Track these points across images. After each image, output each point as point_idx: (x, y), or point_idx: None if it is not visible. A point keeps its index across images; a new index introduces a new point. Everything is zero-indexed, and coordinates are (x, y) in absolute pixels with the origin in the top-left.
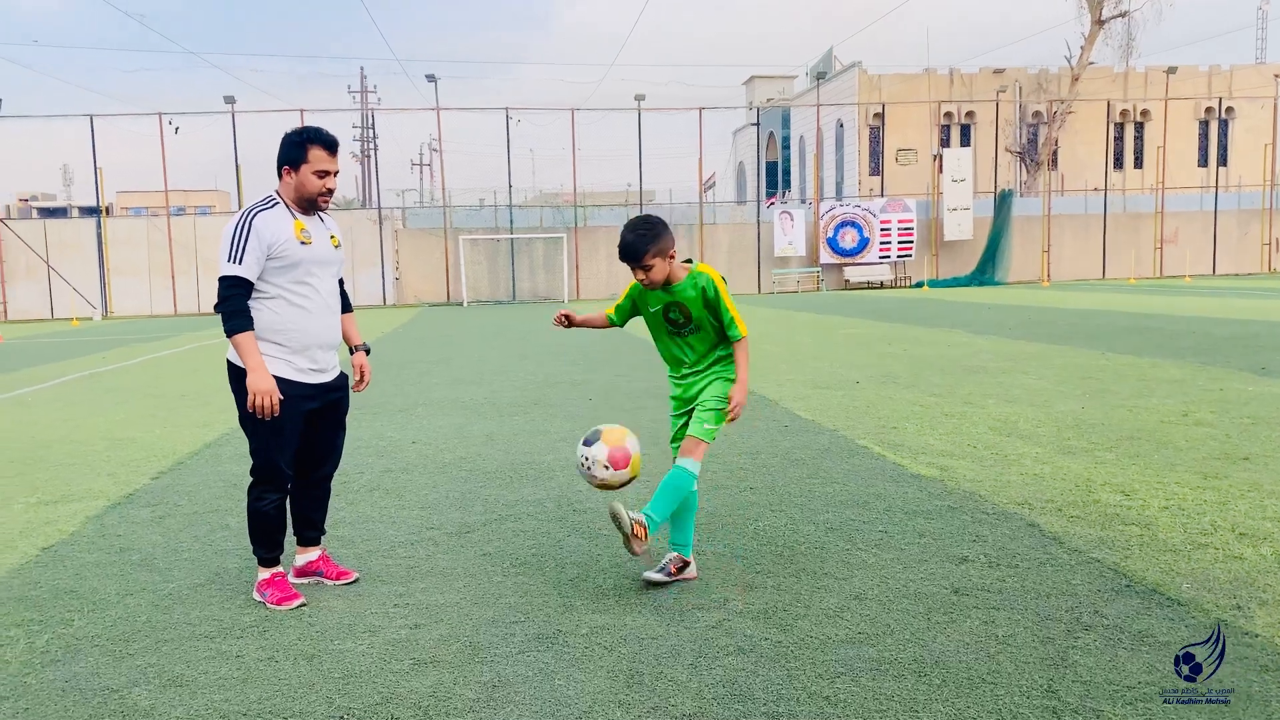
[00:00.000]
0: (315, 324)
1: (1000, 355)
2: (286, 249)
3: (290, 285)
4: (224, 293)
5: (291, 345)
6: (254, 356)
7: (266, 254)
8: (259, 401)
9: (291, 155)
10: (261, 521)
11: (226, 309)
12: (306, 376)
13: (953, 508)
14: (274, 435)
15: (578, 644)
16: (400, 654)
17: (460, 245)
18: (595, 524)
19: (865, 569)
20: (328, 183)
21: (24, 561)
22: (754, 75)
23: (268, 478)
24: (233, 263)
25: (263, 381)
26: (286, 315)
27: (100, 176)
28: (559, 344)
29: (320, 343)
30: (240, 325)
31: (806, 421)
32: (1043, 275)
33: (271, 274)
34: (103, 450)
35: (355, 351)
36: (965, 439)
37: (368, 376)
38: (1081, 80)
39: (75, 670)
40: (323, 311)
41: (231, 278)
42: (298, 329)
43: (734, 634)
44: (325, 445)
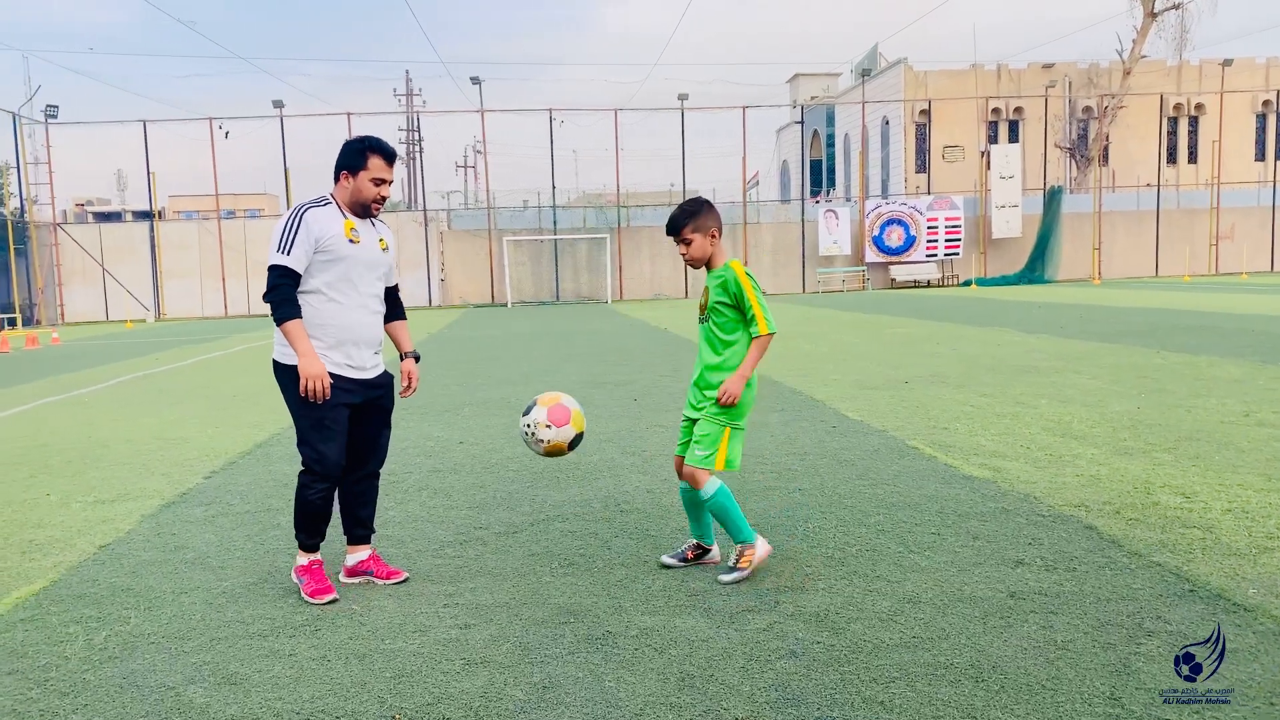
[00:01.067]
0: (351, 320)
1: (1052, 354)
2: (334, 244)
3: (332, 282)
4: (273, 281)
5: (327, 340)
6: (303, 342)
7: (315, 247)
8: (311, 385)
9: (352, 161)
10: (307, 509)
11: (275, 297)
12: (344, 371)
13: (1007, 510)
14: (317, 426)
15: (628, 646)
16: (451, 654)
17: (504, 246)
18: (643, 525)
19: (919, 572)
20: (383, 190)
21: (82, 559)
22: (798, 73)
23: (315, 467)
24: (281, 252)
25: (313, 365)
26: (324, 310)
27: (153, 181)
28: (603, 345)
29: (356, 339)
30: (290, 313)
31: (855, 422)
32: (1093, 273)
33: (316, 269)
34: (157, 450)
35: (405, 358)
36: (1018, 440)
37: (415, 383)
38: (1133, 74)
39: (132, 667)
40: (359, 310)
41: (280, 267)
42: (334, 324)
43: (785, 637)
44: (369, 442)
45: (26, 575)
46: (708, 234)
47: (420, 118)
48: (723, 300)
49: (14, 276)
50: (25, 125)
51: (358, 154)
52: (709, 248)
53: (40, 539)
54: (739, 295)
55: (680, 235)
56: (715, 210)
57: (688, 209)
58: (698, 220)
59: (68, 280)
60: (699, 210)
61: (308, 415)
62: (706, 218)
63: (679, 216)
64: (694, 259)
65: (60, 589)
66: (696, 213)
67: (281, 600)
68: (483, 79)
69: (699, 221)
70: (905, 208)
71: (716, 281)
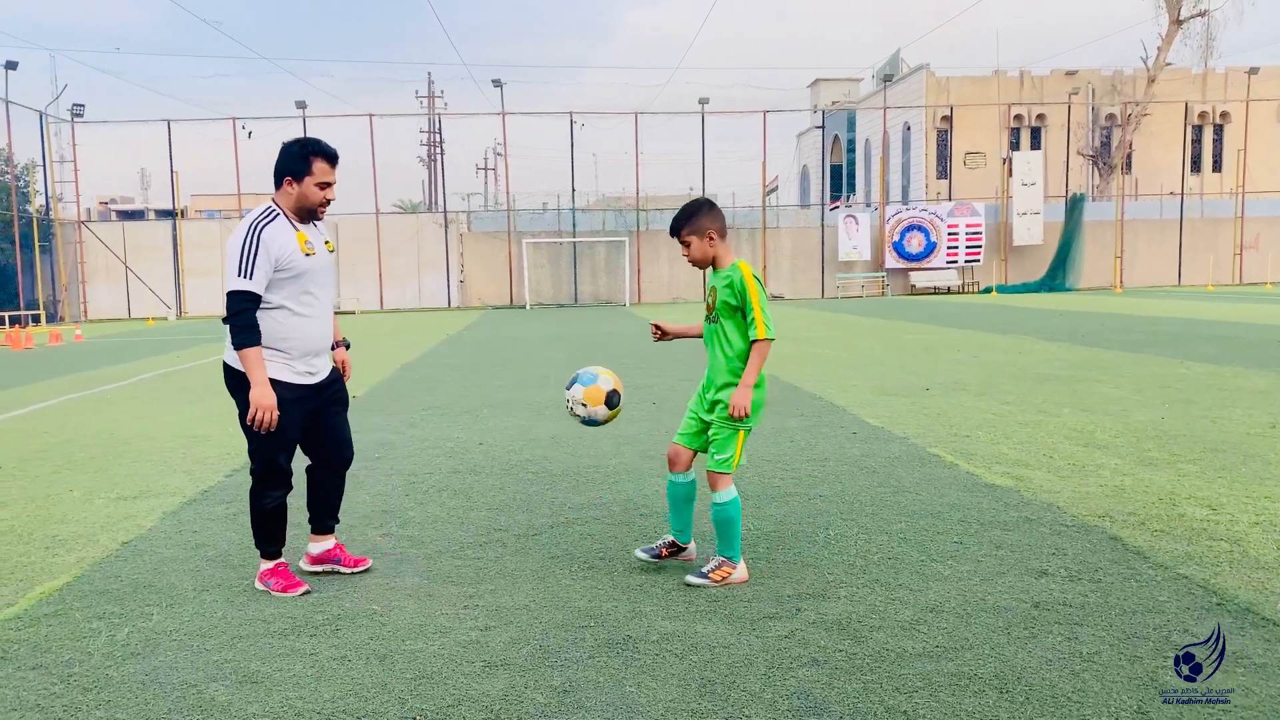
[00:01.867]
0: (315, 331)
1: (1074, 363)
2: (293, 261)
3: (295, 295)
4: (235, 306)
5: (292, 353)
6: (259, 371)
7: (274, 267)
8: (260, 416)
9: (295, 166)
10: (265, 519)
11: (237, 323)
12: (304, 379)
13: (1030, 519)
14: (275, 437)
15: (648, 650)
16: (471, 656)
17: (524, 248)
18: (662, 529)
19: (941, 581)
20: (328, 194)
21: (105, 555)
22: (819, 78)
23: (270, 477)
24: (243, 277)
25: (266, 397)
26: (289, 324)
27: (176, 180)
28: (622, 348)
29: (318, 348)
30: (250, 340)
31: (875, 429)
32: (1115, 281)
33: (277, 286)
34: (178, 447)
35: (336, 348)
36: (1040, 448)
37: (348, 371)
38: (1158, 81)
39: (154, 664)
40: (320, 320)
41: (243, 293)
42: (299, 336)
43: (807, 644)
44: (336, 435)
45: (50, 570)
46: (705, 235)
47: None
48: (729, 301)
49: (38, 273)
50: (51, 123)
51: (300, 159)
52: (709, 249)
53: (63, 534)
54: (743, 296)
55: (679, 237)
56: (716, 211)
57: (685, 211)
58: (694, 222)
59: (91, 278)
60: (696, 212)
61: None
62: (704, 219)
63: (677, 218)
64: (694, 260)
65: (83, 584)
66: (694, 214)
67: (302, 599)
68: (504, 81)
69: (696, 224)
70: (926, 214)
71: (724, 281)
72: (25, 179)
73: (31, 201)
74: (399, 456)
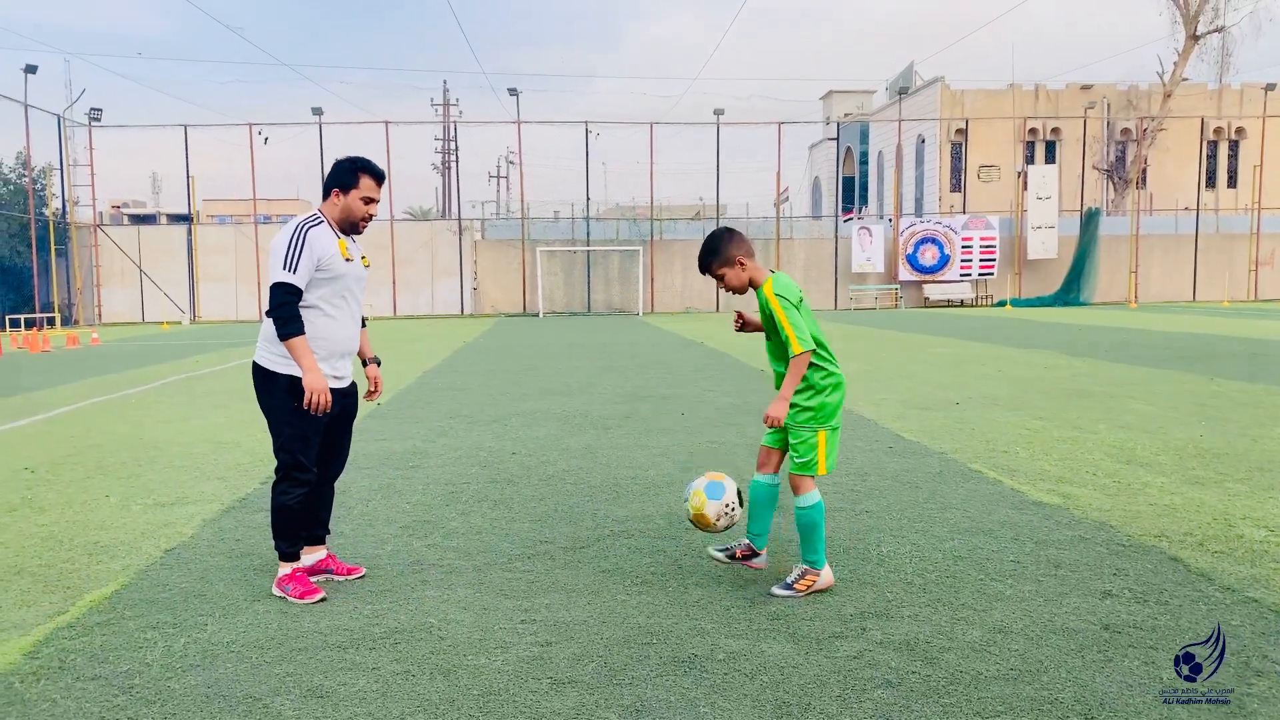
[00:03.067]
0: (343, 334)
1: (1101, 378)
2: (333, 264)
3: (329, 298)
4: (280, 299)
5: (321, 354)
6: (309, 358)
7: (316, 266)
8: (316, 400)
9: (344, 180)
10: (287, 516)
11: (283, 314)
12: (330, 383)
13: (1084, 538)
14: (300, 435)
15: (716, 670)
16: (537, 672)
17: (537, 256)
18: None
19: (1004, 601)
20: (371, 209)
21: (149, 563)
22: (832, 90)
23: (294, 474)
24: (288, 270)
25: (318, 381)
26: (320, 325)
27: (192, 185)
28: (641, 357)
29: (345, 351)
30: (297, 329)
31: (911, 443)
32: (1130, 296)
33: (314, 286)
34: (209, 453)
35: (369, 364)
36: (1082, 465)
37: (380, 387)
38: (1174, 97)
39: (215, 676)
40: (350, 323)
41: (287, 285)
42: (327, 338)
43: (878, 665)
44: (336, 448)
45: (96, 578)
46: (735, 264)
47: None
48: (768, 324)
49: (54, 276)
50: (68, 127)
51: (349, 173)
52: (743, 274)
53: (105, 541)
54: (772, 317)
55: (711, 273)
56: (738, 237)
57: (708, 247)
58: (721, 255)
59: (106, 281)
60: (718, 245)
61: (294, 425)
62: (729, 249)
63: (702, 257)
64: (733, 289)
65: (132, 593)
66: (716, 248)
67: (355, 611)
68: (520, 90)
69: (723, 255)
70: (940, 226)
71: (759, 302)
72: (42, 182)
73: (48, 205)
74: (434, 466)
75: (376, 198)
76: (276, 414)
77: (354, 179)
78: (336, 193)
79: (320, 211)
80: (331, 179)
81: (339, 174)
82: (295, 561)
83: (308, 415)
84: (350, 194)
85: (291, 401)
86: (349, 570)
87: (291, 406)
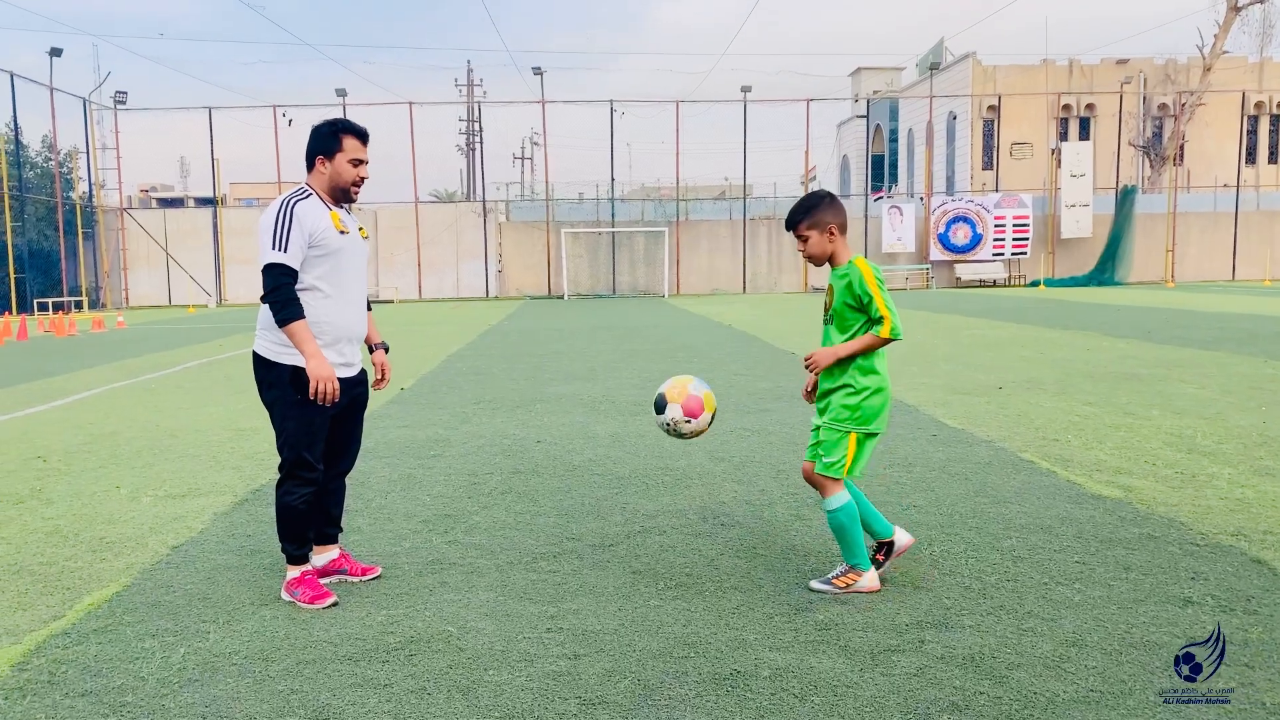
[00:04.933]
0: (347, 317)
1: (1148, 360)
2: (326, 238)
3: (326, 276)
4: (273, 282)
5: (325, 339)
6: (311, 343)
7: (308, 242)
8: (321, 388)
9: (326, 145)
10: (292, 517)
11: (279, 298)
12: (338, 371)
13: (1153, 536)
14: (306, 430)
15: (762, 689)
16: (564, 690)
17: (562, 238)
18: (747, 541)
19: (1072, 608)
20: (361, 171)
21: (155, 561)
22: (860, 67)
23: (299, 472)
24: (278, 250)
25: (323, 368)
26: (320, 308)
27: (217, 168)
28: (668, 341)
29: (350, 335)
30: (295, 313)
31: (956, 430)
32: (1166, 275)
33: (310, 265)
34: (226, 441)
35: (375, 350)
36: (1140, 455)
37: (388, 375)
38: (1214, 70)
39: (214, 693)
40: (353, 305)
41: (279, 265)
42: (330, 322)
43: (941, 684)
44: (347, 440)
45: (99, 577)
46: (825, 230)
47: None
48: (849, 303)
49: (81, 260)
50: (94, 110)
51: (330, 136)
52: (827, 245)
53: (111, 536)
54: (864, 296)
55: (796, 231)
56: (837, 205)
57: (804, 204)
58: (815, 216)
59: (132, 265)
60: (816, 205)
61: (298, 418)
62: (825, 213)
63: (795, 212)
64: (812, 256)
65: (134, 594)
66: (814, 207)
67: (369, 618)
68: (544, 69)
69: (815, 217)
70: (972, 205)
71: (842, 282)
72: (68, 166)
73: (75, 188)
74: (455, 455)
75: (365, 158)
76: (279, 407)
77: (336, 142)
78: (320, 160)
79: (307, 184)
80: (312, 146)
81: (318, 139)
82: (304, 564)
83: (314, 407)
84: (335, 159)
85: (295, 394)
86: (364, 570)
87: (295, 399)
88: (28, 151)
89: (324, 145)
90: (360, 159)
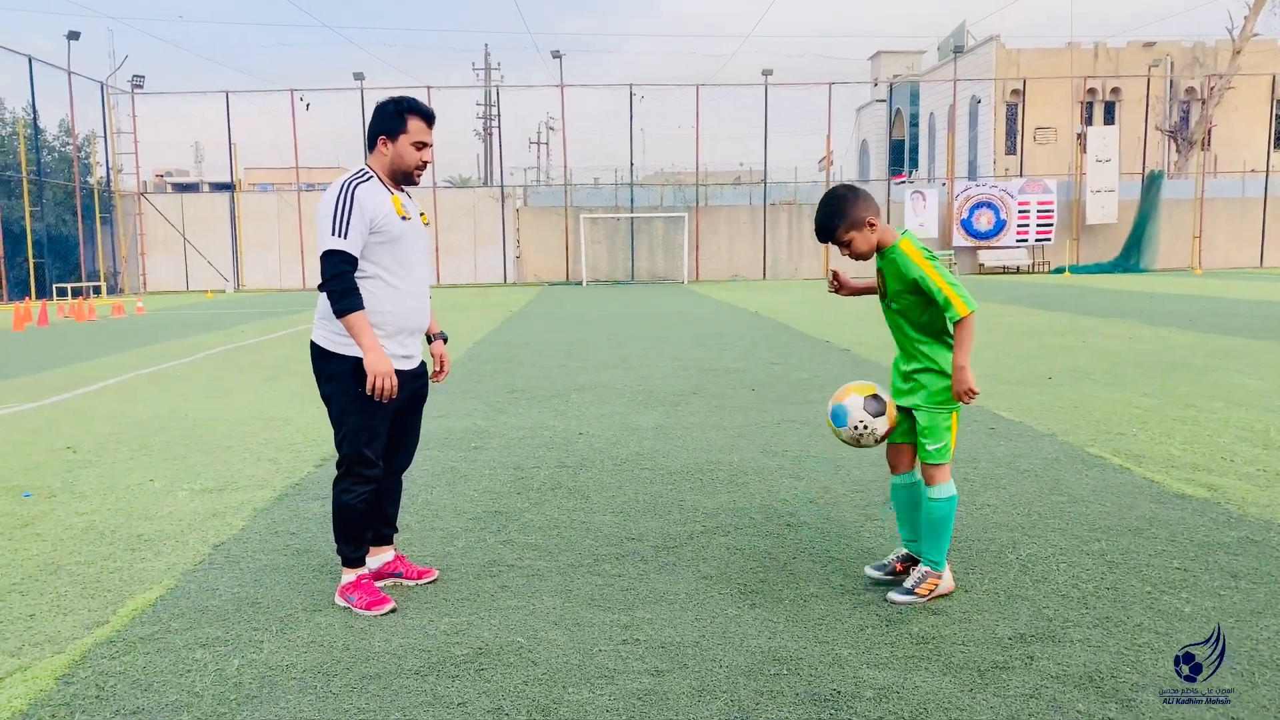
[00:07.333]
0: (410, 306)
1: (1195, 350)
2: (388, 223)
3: (389, 264)
4: (332, 269)
5: (386, 330)
6: (369, 336)
7: (369, 228)
8: (379, 384)
9: (390, 125)
10: (350, 517)
11: (337, 286)
12: (398, 364)
13: (1254, 540)
14: (368, 426)
15: (866, 712)
16: (652, 711)
17: (580, 224)
18: (819, 544)
19: (1186, 621)
20: (424, 155)
21: (198, 562)
22: (880, 51)
23: (358, 470)
24: (338, 236)
25: (381, 362)
26: (383, 297)
27: (235, 152)
28: (695, 328)
29: (413, 327)
30: (354, 304)
31: (1014, 423)
32: (1193, 262)
33: (371, 251)
34: (258, 431)
35: (435, 340)
36: (1215, 450)
37: (447, 366)
38: (1243, 53)
39: (278, 711)
40: (416, 295)
41: (339, 253)
42: (393, 312)
43: (1061, 708)
44: (407, 436)
45: (140, 578)
46: (864, 226)
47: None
48: (899, 287)
49: (99, 245)
50: (111, 94)
51: (396, 116)
52: (872, 238)
53: (149, 533)
54: (919, 280)
55: (836, 239)
56: (862, 195)
57: (831, 209)
58: (848, 218)
59: (150, 250)
60: (844, 207)
61: (358, 414)
62: (856, 210)
63: (826, 222)
64: (859, 255)
65: (179, 598)
66: (843, 211)
67: (430, 625)
68: (563, 53)
69: (851, 218)
70: (995, 190)
71: (890, 267)
72: (86, 150)
73: (92, 173)
74: (497, 447)
75: (429, 141)
76: (338, 402)
77: (401, 122)
78: (383, 140)
79: (368, 165)
80: (375, 125)
81: (383, 119)
82: (360, 567)
83: (373, 402)
84: (399, 140)
85: (355, 387)
86: (420, 573)
87: (355, 393)
88: (45, 136)
89: (388, 125)
90: (424, 142)
